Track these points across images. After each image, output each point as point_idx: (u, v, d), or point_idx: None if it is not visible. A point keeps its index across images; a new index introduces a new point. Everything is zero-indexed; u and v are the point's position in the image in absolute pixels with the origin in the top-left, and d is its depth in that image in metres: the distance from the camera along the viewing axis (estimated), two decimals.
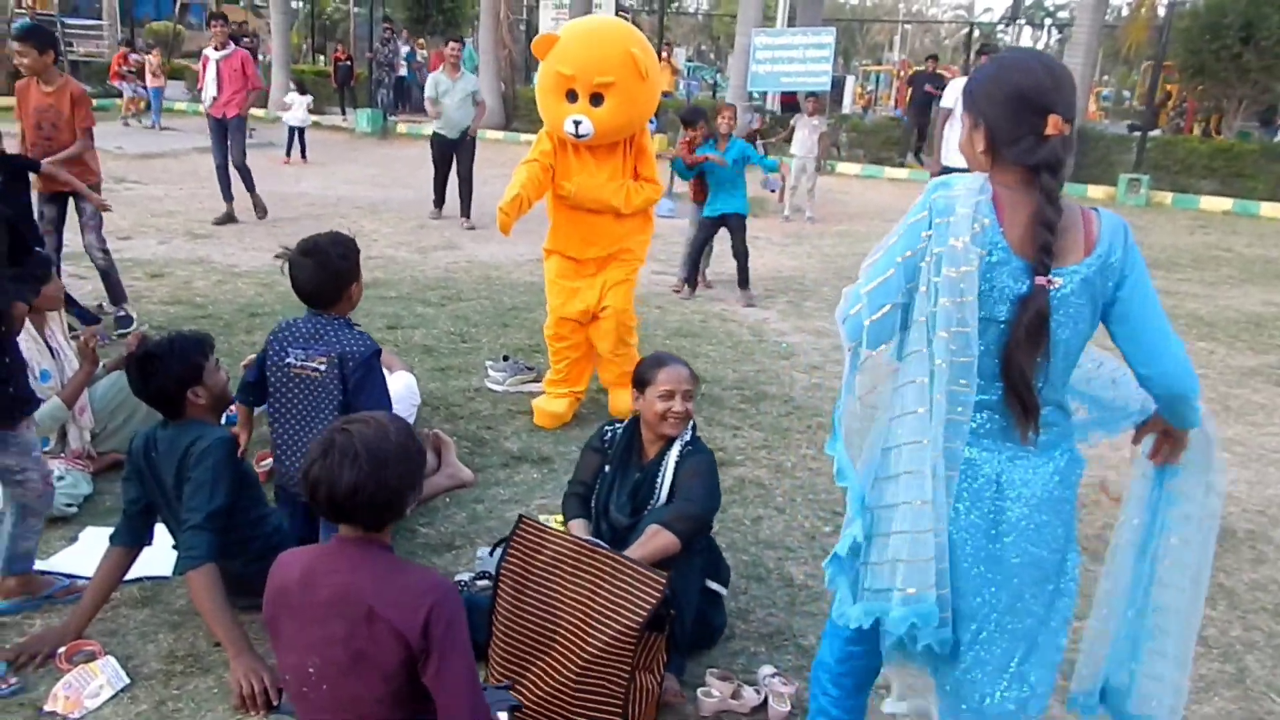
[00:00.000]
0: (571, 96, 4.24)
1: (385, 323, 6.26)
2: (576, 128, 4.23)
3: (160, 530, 3.03)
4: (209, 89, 9.23)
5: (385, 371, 4.23)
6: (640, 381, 3.05)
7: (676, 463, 2.96)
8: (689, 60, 36.80)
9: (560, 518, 3.63)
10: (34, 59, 5.43)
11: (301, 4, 31.38)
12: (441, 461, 4.00)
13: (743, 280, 7.60)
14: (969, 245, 1.78)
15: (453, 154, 10.16)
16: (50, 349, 3.83)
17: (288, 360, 2.62)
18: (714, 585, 2.99)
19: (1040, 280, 1.78)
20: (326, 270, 2.69)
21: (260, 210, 9.60)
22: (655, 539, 2.72)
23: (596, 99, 4.21)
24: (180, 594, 3.15)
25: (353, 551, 1.89)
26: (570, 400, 4.78)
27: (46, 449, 3.66)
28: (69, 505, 3.54)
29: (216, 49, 9.26)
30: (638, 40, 4.32)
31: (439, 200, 10.47)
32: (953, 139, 7.20)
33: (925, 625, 1.84)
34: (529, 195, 4.33)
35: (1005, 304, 1.81)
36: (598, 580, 2.53)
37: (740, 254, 7.53)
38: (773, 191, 11.49)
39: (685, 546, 2.76)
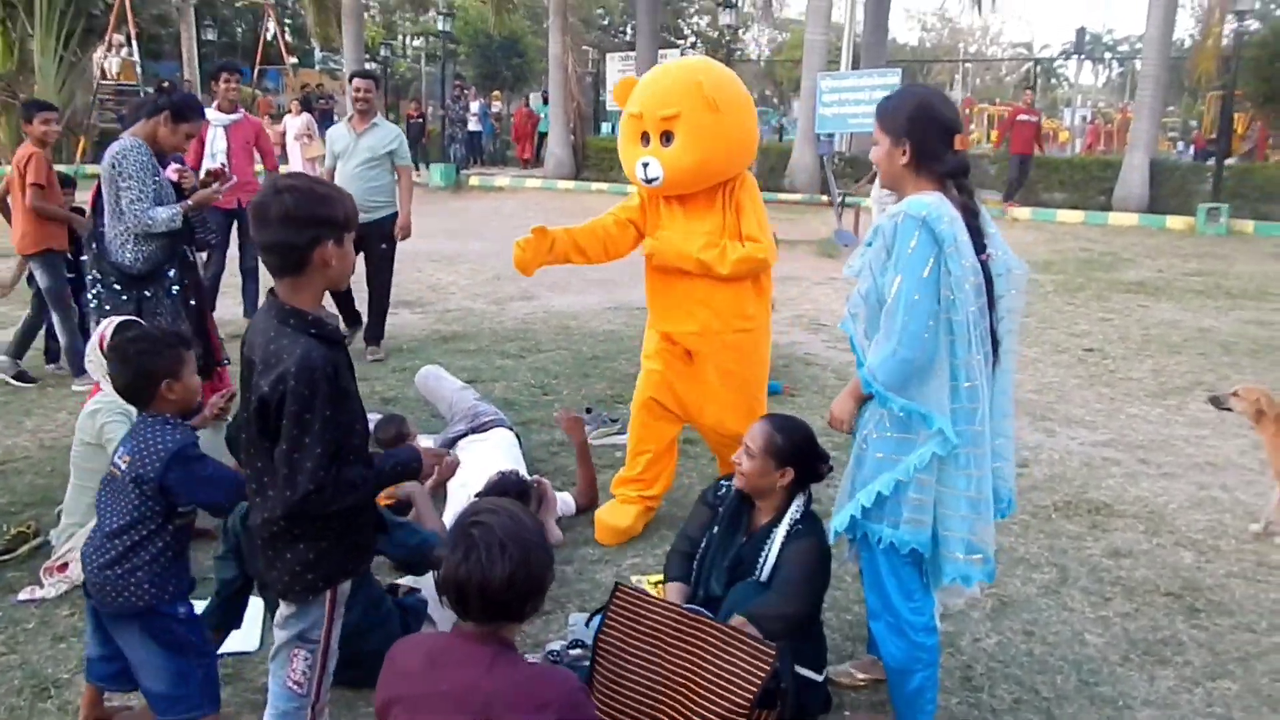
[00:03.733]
0: (645, 140, 3.76)
1: (465, 376, 6.21)
2: (645, 171, 3.71)
3: (250, 606, 2.98)
4: (214, 163, 6.35)
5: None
6: None
7: (784, 541, 2.81)
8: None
9: (655, 578, 3.52)
10: None
11: (374, 65, 32.36)
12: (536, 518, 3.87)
13: None
14: (974, 261, 2.34)
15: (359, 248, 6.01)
16: None
17: (115, 460, 2.55)
18: (805, 672, 2.76)
19: (983, 256, 2.38)
20: (128, 368, 2.52)
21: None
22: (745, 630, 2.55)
23: (666, 138, 3.68)
24: (263, 671, 3.07)
25: (474, 646, 1.83)
26: (640, 509, 4.07)
27: None
28: None
29: (223, 110, 6.92)
30: (712, 74, 3.76)
31: (350, 317, 6.95)
32: None
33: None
34: (567, 239, 3.82)
35: None
36: (703, 652, 2.41)
37: None
38: (845, 246, 11.35)
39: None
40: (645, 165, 3.70)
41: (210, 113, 6.83)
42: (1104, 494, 4.60)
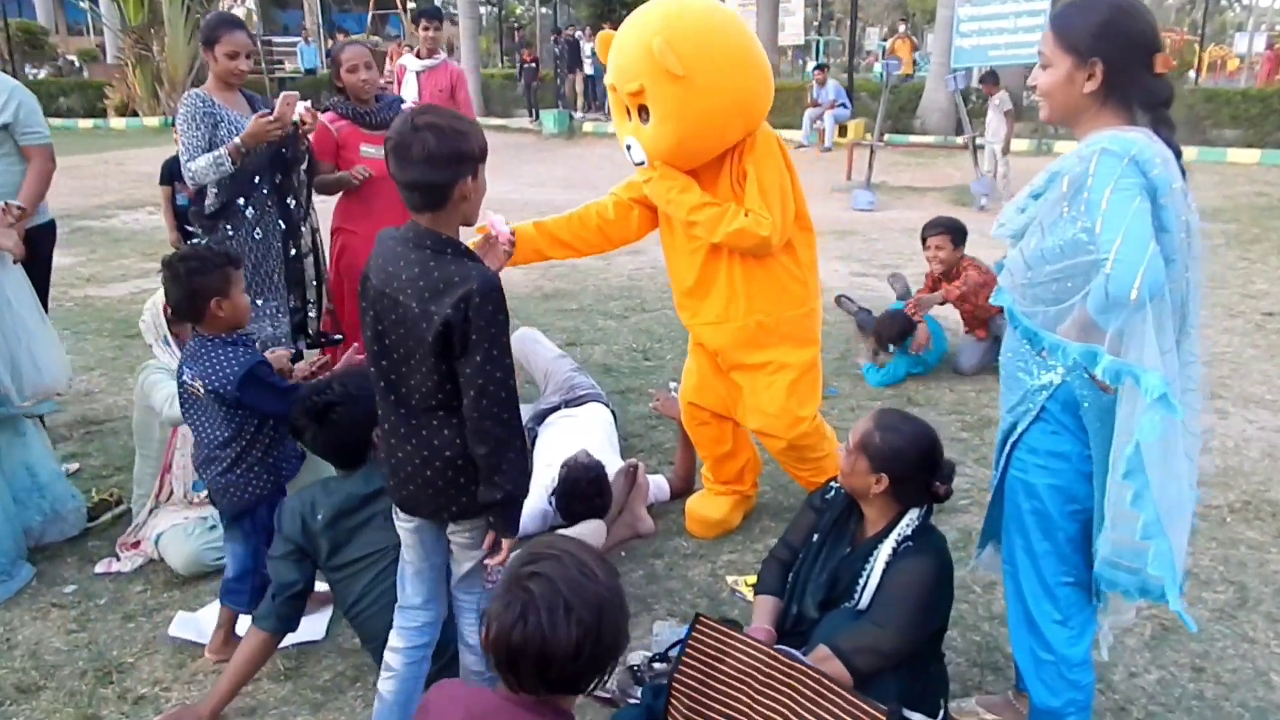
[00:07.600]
0: (630, 114, 3.15)
1: (565, 338, 5.91)
2: (630, 154, 3.18)
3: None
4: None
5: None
6: None
7: (889, 560, 2.36)
8: (883, 40, 35.36)
9: (753, 579, 3.12)
10: None
11: (488, 8, 32.12)
12: (626, 504, 3.53)
13: None
14: (1188, 217, 1.90)
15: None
16: None
17: (184, 378, 2.71)
18: (914, 716, 2.33)
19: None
20: (179, 285, 2.62)
21: None
22: (821, 667, 2.13)
23: (643, 113, 3.07)
24: (326, 666, 2.86)
25: (523, 714, 1.50)
26: (734, 500, 3.64)
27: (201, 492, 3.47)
28: (220, 558, 3.27)
29: (420, 56, 6.50)
30: (676, 26, 2.94)
31: None
32: None
33: None
34: (538, 236, 3.21)
35: None
36: (796, 703, 2.00)
37: None
38: (984, 199, 10.48)
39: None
40: (629, 148, 3.17)
41: (406, 58, 6.71)
42: None
